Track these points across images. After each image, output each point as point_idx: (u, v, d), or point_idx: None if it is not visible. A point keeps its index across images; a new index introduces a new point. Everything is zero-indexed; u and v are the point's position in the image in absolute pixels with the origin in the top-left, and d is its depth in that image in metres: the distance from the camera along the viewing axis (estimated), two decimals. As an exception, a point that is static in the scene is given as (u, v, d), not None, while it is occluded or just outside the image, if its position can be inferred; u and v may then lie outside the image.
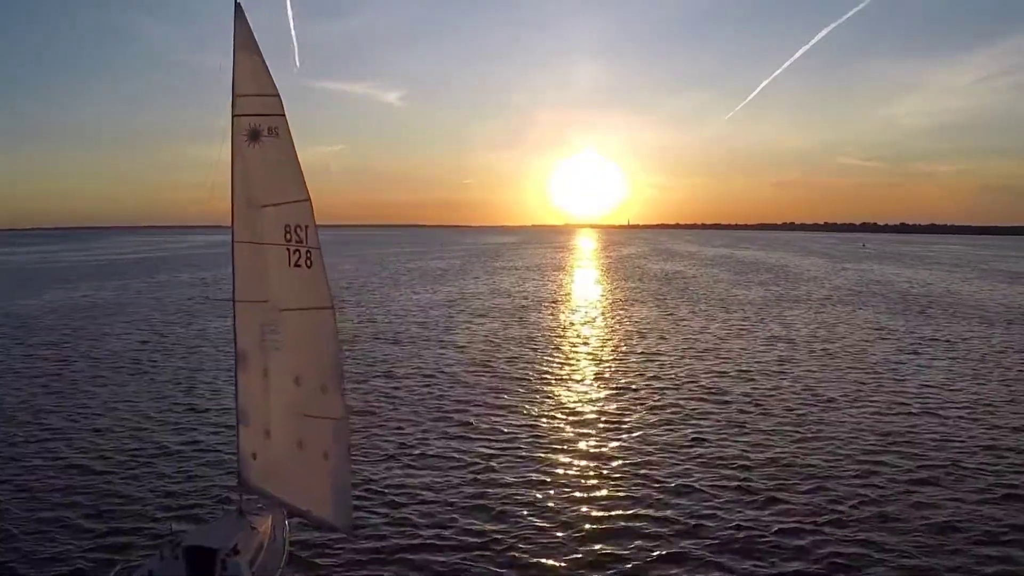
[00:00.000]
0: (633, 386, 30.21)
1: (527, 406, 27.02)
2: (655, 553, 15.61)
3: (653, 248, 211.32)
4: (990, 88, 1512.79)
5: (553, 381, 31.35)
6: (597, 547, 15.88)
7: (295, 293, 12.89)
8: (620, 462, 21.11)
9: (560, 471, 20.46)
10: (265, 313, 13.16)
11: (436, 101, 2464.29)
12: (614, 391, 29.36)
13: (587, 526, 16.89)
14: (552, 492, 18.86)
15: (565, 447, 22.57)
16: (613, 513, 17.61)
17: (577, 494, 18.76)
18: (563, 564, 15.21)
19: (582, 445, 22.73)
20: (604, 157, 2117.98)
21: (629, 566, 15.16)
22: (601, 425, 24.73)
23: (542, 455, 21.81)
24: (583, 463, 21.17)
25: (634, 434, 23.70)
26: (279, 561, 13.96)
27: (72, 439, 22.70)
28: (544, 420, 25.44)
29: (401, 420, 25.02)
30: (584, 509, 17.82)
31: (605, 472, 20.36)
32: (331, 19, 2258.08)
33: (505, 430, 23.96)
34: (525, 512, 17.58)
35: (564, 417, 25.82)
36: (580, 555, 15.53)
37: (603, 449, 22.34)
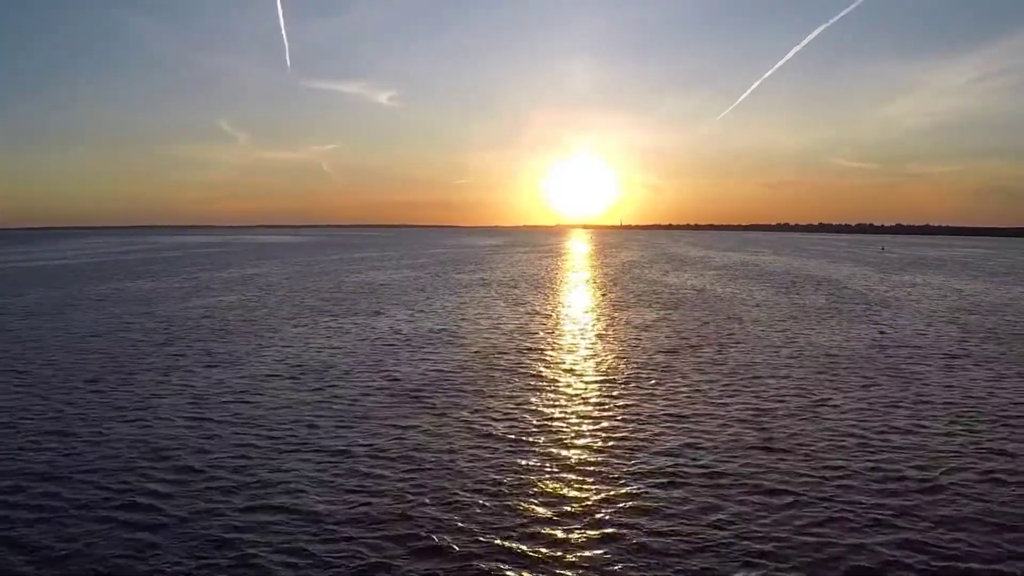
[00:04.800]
0: None
1: None
2: None
3: (654, 252, 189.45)
4: (987, 88, 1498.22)
5: None
6: None
7: None
8: None
9: None
10: None
11: (430, 101, 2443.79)
12: None
13: None
14: None
15: None
16: None
17: None
18: None
19: None
20: (598, 157, 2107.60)
21: None
22: None
23: None
24: None
25: None
26: None
27: None
28: None
29: None
30: None
31: None
32: (323, 17, 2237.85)
33: None
34: None
35: None
36: None
37: None
